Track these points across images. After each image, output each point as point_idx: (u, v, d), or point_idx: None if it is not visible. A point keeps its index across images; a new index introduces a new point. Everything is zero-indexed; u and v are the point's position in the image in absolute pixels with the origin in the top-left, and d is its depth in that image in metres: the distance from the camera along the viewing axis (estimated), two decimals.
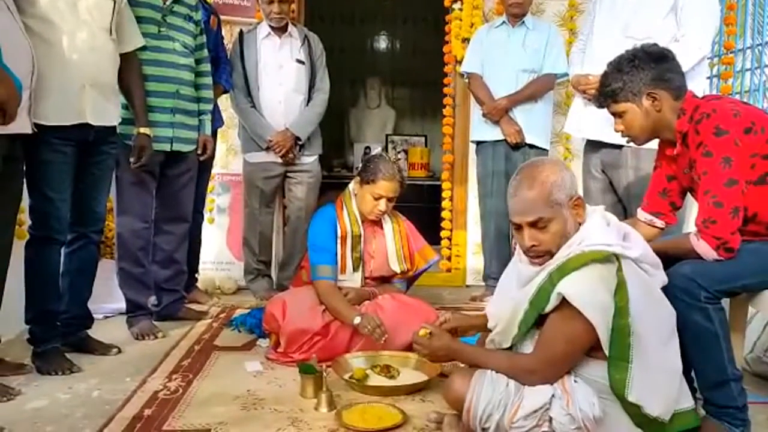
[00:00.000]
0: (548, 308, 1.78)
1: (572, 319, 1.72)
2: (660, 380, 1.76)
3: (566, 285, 1.73)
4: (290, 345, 2.71)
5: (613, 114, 2.19)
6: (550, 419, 1.74)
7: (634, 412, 1.74)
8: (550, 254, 1.84)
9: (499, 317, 1.99)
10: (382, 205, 2.89)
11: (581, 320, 1.71)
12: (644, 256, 1.83)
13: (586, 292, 1.72)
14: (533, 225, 1.83)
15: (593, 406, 1.72)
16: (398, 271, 3.00)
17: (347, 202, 3.00)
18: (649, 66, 2.07)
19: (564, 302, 1.74)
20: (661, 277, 1.89)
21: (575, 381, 1.78)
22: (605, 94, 2.16)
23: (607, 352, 1.73)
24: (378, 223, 3.02)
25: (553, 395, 1.75)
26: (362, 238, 2.94)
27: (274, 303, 2.83)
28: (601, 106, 2.23)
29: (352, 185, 3.00)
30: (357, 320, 2.67)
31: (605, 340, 1.71)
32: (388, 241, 3.00)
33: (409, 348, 2.71)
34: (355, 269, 2.93)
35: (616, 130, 2.22)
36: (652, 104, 2.08)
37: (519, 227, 1.88)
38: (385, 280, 3.06)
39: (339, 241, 2.91)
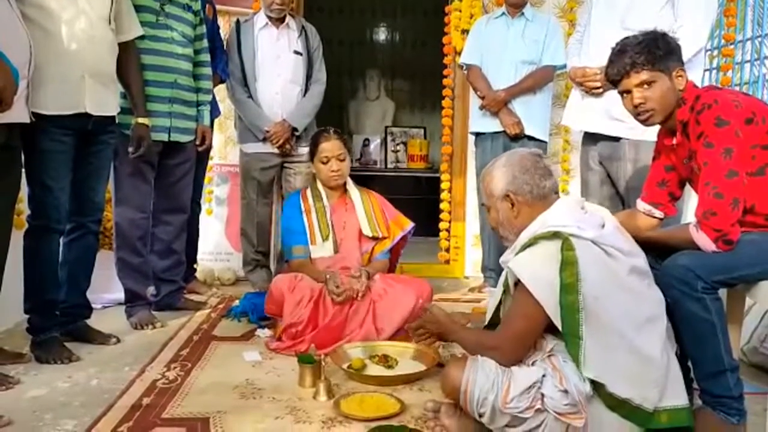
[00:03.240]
0: (511, 288, 1.89)
1: (525, 295, 1.81)
2: (627, 363, 1.77)
3: (515, 263, 1.85)
4: (295, 310, 2.76)
5: (638, 84, 2.04)
6: (542, 397, 1.76)
7: (602, 393, 1.76)
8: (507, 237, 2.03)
9: (489, 307, 2.11)
10: (334, 165, 3.06)
11: (532, 296, 1.79)
12: (602, 238, 1.84)
13: (531, 268, 1.82)
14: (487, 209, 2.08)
15: (585, 382, 1.75)
16: (370, 235, 3.06)
17: (312, 183, 3.21)
18: (677, 45, 2.06)
19: (519, 281, 1.83)
20: (632, 263, 1.87)
21: (564, 361, 1.80)
22: (637, 60, 2.01)
23: (560, 328, 1.79)
24: (347, 197, 3.14)
25: (543, 375, 1.78)
26: (327, 209, 3.09)
27: (280, 280, 2.87)
28: (619, 79, 2.08)
29: (312, 167, 3.19)
30: (327, 277, 2.84)
31: (554, 315, 1.78)
32: (357, 208, 3.12)
33: (405, 323, 2.73)
34: (324, 238, 3.03)
35: (634, 104, 2.07)
36: (678, 81, 2.03)
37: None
38: (370, 258, 3.10)
39: (304, 215, 3.05)
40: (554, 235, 1.82)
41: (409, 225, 3.17)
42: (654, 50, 2.01)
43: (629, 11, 2.90)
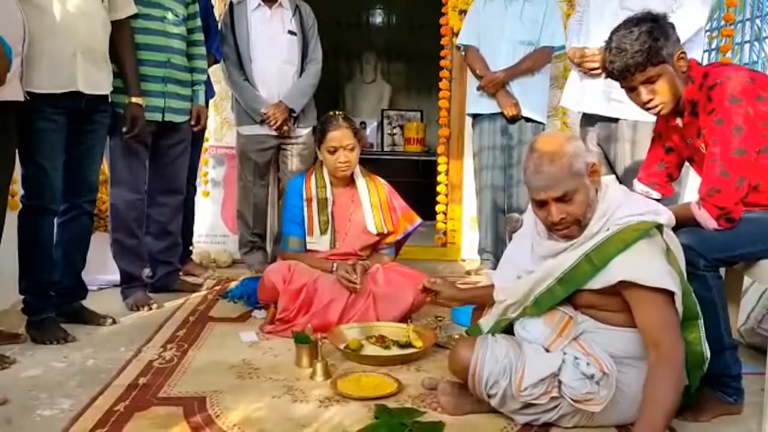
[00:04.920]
0: (595, 286, 1.77)
1: (652, 295, 1.70)
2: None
3: (625, 271, 1.71)
4: (290, 303, 2.73)
5: (644, 82, 1.99)
6: (560, 384, 1.75)
7: (700, 374, 1.80)
8: (579, 224, 1.82)
9: (514, 290, 1.95)
10: (342, 156, 2.87)
11: (663, 295, 1.69)
12: (669, 222, 1.86)
13: (649, 268, 1.70)
14: (560, 199, 1.80)
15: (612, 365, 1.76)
16: (375, 232, 2.95)
17: (317, 169, 3.02)
18: (670, 25, 1.97)
19: (632, 288, 1.71)
20: None
21: (594, 342, 1.80)
22: (637, 60, 1.94)
23: (680, 317, 1.73)
24: (354, 188, 3.00)
25: (563, 361, 1.76)
26: (329, 202, 2.94)
27: (273, 272, 2.82)
28: (622, 78, 2.02)
29: (318, 153, 3.00)
30: (334, 266, 2.80)
31: (680, 304, 1.71)
32: (363, 202, 2.97)
33: (404, 318, 2.74)
34: (322, 232, 2.92)
35: (644, 101, 2.02)
36: (681, 64, 1.98)
37: (543, 203, 1.83)
38: (373, 250, 3.04)
39: (305, 204, 2.93)
40: (646, 230, 1.74)
41: (418, 220, 3.07)
42: (653, 45, 1.92)
43: None
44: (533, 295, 1.86)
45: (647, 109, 2.05)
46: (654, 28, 1.94)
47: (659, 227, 1.77)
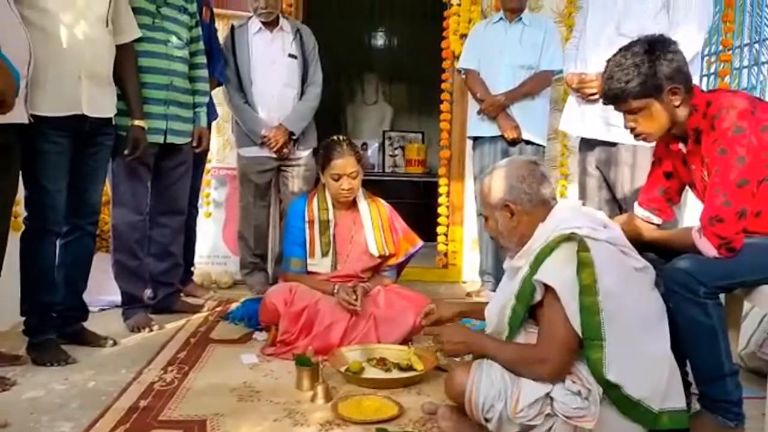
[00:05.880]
0: (537, 298, 1.82)
1: (558, 301, 1.77)
2: (643, 363, 1.78)
3: (542, 272, 1.80)
4: (291, 325, 2.73)
5: (627, 111, 2.05)
6: (552, 401, 1.75)
7: (616, 395, 1.75)
8: (503, 241, 2.03)
9: (489, 317, 2.03)
10: (345, 183, 2.88)
11: (555, 298, 1.77)
12: (614, 238, 1.87)
13: (556, 272, 1.79)
14: (486, 219, 2.07)
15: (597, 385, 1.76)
16: (377, 254, 2.96)
17: (320, 191, 3.03)
18: (667, 57, 1.97)
19: (548, 288, 1.79)
20: (640, 262, 1.91)
21: (579, 362, 1.80)
22: (620, 91, 2.00)
23: (580, 333, 1.76)
24: (355, 210, 3.01)
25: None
26: (331, 224, 2.95)
27: (274, 294, 2.83)
28: (610, 103, 2.08)
29: (321, 176, 3.02)
30: (335, 289, 2.80)
31: (574, 318, 1.75)
32: (365, 224, 2.98)
33: (404, 340, 2.74)
34: (324, 255, 2.93)
35: (628, 128, 2.08)
36: (672, 99, 1.99)
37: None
38: (375, 272, 3.04)
39: (307, 226, 2.94)
40: (568, 238, 1.80)
41: (419, 243, 3.08)
42: (638, 78, 1.96)
43: (625, 17, 2.91)
44: (506, 319, 1.91)
45: (633, 137, 2.12)
46: (643, 62, 1.96)
47: (580, 239, 1.80)
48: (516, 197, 1.97)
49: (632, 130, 2.08)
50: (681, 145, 2.11)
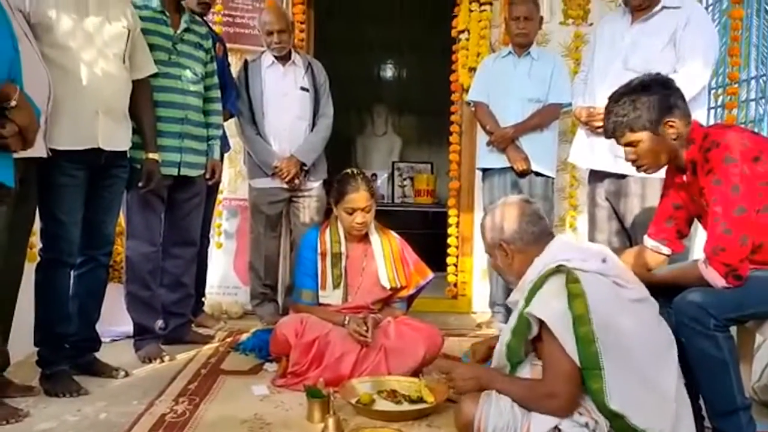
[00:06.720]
0: (534, 331, 1.86)
1: (552, 333, 1.80)
2: (647, 396, 1.78)
3: (533, 305, 1.85)
4: (302, 357, 2.72)
5: (626, 144, 2.15)
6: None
7: (621, 426, 1.75)
8: (508, 274, 2.12)
9: (496, 352, 2.06)
10: (359, 218, 2.90)
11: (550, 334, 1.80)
12: (606, 269, 1.90)
13: (546, 305, 1.83)
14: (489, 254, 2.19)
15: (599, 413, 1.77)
16: (388, 287, 2.97)
17: (332, 223, 3.04)
18: (662, 93, 2.08)
19: (542, 321, 1.82)
20: (641, 293, 1.93)
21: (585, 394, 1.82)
22: (619, 125, 2.12)
23: (578, 363, 1.77)
24: (367, 242, 3.02)
25: None
26: (343, 256, 2.96)
27: (285, 325, 2.84)
28: (612, 136, 2.19)
29: (334, 209, 3.04)
30: (346, 320, 2.82)
31: (571, 350, 1.77)
32: (377, 256, 2.99)
33: (415, 372, 2.74)
34: (335, 287, 2.94)
35: (628, 160, 2.19)
36: (668, 132, 2.08)
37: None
38: (385, 303, 3.05)
39: (319, 257, 2.95)
40: (557, 270, 1.84)
41: (430, 274, 3.09)
42: (634, 113, 2.08)
43: (632, 52, 2.95)
44: (504, 354, 1.96)
45: (635, 168, 2.22)
46: (639, 97, 2.08)
47: (568, 270, 1.83)
48: (508, 237, 2.05)
49: (633, 162, 2.18)
50: (684, 177, 2.15)
